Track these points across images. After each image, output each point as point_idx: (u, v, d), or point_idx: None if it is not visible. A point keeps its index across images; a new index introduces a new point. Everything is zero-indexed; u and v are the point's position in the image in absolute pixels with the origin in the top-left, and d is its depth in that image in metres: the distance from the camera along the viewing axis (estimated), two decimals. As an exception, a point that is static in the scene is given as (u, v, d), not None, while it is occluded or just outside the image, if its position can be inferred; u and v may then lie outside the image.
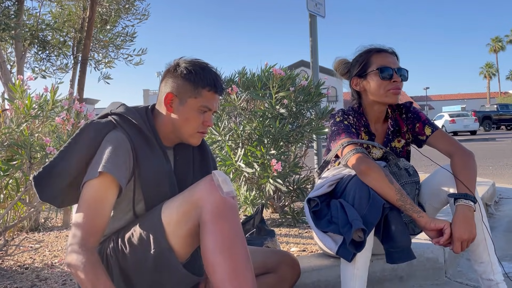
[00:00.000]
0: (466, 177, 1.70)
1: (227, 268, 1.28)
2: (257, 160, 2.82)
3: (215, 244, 1.29)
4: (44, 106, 2.24)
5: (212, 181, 1.34)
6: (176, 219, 1.34)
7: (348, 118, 1.90)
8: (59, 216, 3.53)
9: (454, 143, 1.84)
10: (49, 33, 4.67)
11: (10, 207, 2.22)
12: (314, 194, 1.80)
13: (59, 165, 1.40)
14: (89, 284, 1.26)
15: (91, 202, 1.34)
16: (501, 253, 2.66)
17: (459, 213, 1.62)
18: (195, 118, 1.49)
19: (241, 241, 1.33)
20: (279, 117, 3.00)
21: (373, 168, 1.65)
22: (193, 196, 1.34)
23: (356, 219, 1.57)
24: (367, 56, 1.90)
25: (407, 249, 1.62)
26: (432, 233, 1.62)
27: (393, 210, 1.63)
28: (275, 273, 1.64)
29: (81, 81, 4.19)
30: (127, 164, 1.39)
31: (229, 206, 1.33)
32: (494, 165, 7.88)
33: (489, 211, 3.70)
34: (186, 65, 1.49)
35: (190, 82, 1.48)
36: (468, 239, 1.59)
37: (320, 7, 4.38)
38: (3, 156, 2.18)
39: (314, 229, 1.77)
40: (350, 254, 1.59)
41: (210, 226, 1.30)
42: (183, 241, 1.37)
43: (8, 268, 2.26)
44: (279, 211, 3.34)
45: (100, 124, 1.46)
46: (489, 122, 28.44)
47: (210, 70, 1.51)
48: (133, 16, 4.94)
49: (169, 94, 1.50)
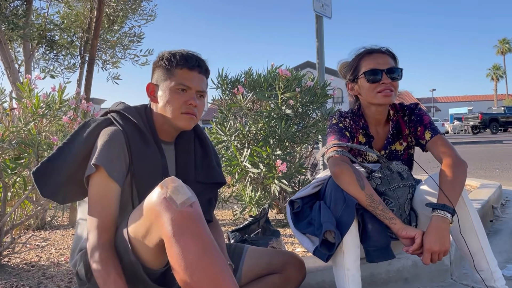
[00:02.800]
0: (448, 188, 1.63)
1: (204, 286, 1.17)
2: (262, 161, 2.83)
3: (185, 264, 1.17)
4: (51, 105, 2.25)
5: (163, 195, 1.21)
6: (141, 234, 1.28)
7: (344, 121, 1.88)
8: (65, 215, 3.55)
9: (447, 151, 1.76)
10: (57, 33, 4.72)
11: (17, 205, 2.23)
12: (297, 196, 1.82)
13: (56, 161, 1.42)
14: (101, 280, 1.29)
15: (95, 199, 1.35)
16: (507, 256, 2.65)
17: (433, 224, 1.57)
18: (174, 99, 1.48)
19: (213, 252, 1.19)
20: (285, 118, 3.00)
21: (345, 171, 1.65)
22: (149, 212, 1.24)
23: (327, 221, 1.59)
24: (357, 60, 1.89)
25: (385, 248, 1.62)
26: (405, 241, 1.60)
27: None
28: (280, 273, 1.64)
29: (88, 81, 4.22)
30: (122, 157, 1.39)
31: (189, 218, 1.19)
32: (501, 168, 7.83)
33: (496, 214, 3.68)
34: (161, 55, 1.52)
35: (162, 67, 1.50)
36: (439, 251, 1.54)
37: (327, 8, 4.38)
38: (11, 155, 2.20)
39: (293, 230, 1.80)
40: (325, 255, 1.62)
41: (173, 246, 1.18)
42: (154, 253, 1.30)
43: (15, 265, 2.28)
44: (284, 212, 3.34)
45: (97, 120, 1.48)
46: (496, 124, 28.24)
47: (183, 53, 1.51)
48: (140, 16, 4.97)
49: (148, 85, 1.53)
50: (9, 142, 2.13)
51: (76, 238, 1.57)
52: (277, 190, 2.78)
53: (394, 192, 1.77)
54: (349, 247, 1.61)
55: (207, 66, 1.56)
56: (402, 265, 2.13)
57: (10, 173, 2.17)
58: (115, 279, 1.28)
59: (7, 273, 2.14)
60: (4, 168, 2.15)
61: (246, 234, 2.13)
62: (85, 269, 1.42)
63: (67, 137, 1.45)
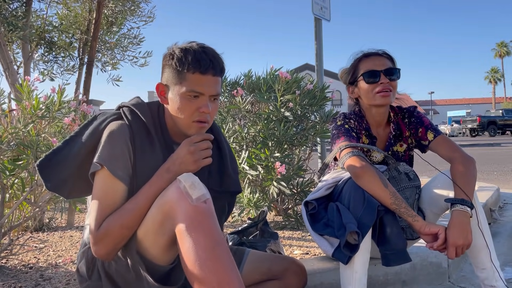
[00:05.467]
0: (464, 183, 1.69)
1: (211, 282, 1.18)
2: (261, 163, 2.83)
3: (194, 258, 1.19)
4: (50, 107, 2.25)
5: (180, 188, 1.24)
6: (152, 230, 1.28)
7: (349, 122, 1.90)
8: (63, 217, 3.55)
9: (455, 149, 1.83)
10: (56, 35, 4.71)
11: (16, 207, 2.23)
12: (311, 197, 1.82)
13: (61, 153, 1.39)
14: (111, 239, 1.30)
15: (98, 195, 1.32)
16: (505, 258, 2.65)
17: (455, 218, 1.61)
18: (186, 106, 1.36)
19: (222, 248, 1.22)
20: (284, 120, 3.00)
21: (367, 171, 1.65)
22: (163, 206, 1.25)
23: (350, 222, 1.58)
24: (356, 63, 1.93)
25: (403, 252, 1.62)
26: (427, 238, 1.62)
27: (388, 212, 1.64)
28: (280, 280, 1.61)
29: (87, 83, 4.22)
30: (126, 153, 1.35)
31: (202, 213, 1.21)
32: (499, 171, 7.84)
33: (493, 216, 3.69)
34: (171, 51, 1.39)
35: (173, 68, 1.36)
36: (463, 245, 1.57)
37: (326, 10, 4.39)
38: (9, 156, 2.20)
39: (311, 232, 1.80)
40: (346, 257, 1.61)
41: (185, 239, 1.20)
42: (164, 250, 1.31)
43: (13, 267, 2.27)
44: (283, 214, 3.34)
45: (105, 114, 1.44)
46: (494, 127, 28.36)
47: (196, 51, 1.35)
48: (139, 18, 4.97)
49: (158, 85, 1.42)
50: (7, 144, 2.12)
51: (82, 242, 1.55)
52: (276, 192, 2.78)
53: (403, 192, 1.80)
54: (360, 250, 1.60)
55: (222, 65, 1.40)
56: (400, 268, 2.13)
57: (8, 174, 2.17)
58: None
59: (5, 274, 2.14)
60: (3, 169, 2.15)
61: (244, 236, 2.13)
62: (87, 266, 1.41)
63: (75, 130, 1.42)
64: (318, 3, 4.31)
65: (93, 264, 1.41)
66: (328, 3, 4.48)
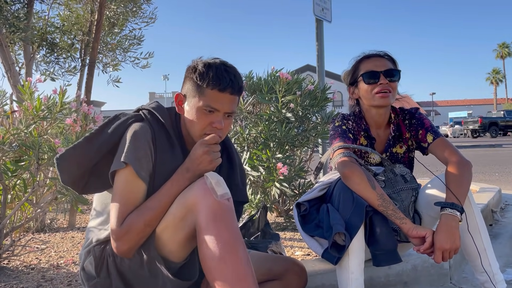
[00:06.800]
0: (455, 186, 1.66)
1: (228, 274, 1.24)
2: (262, 164, 2.83)
3: (214, 250, 1.25)
4: (52, 108, 2.26)
5: (205, 185, 1.30)
6: (173, 225, 1.33)
7: (347, 123, 1.90)
8: (65, 218, 3.55)
9: (451, 152, 1.80)
10: (58, 36, 4.71)
11: (17, 208, 2.24)
12: (303, 199, 1.83)
13: (81, 149, 1.42)
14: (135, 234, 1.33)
15: (122, 193, 1.36)
16: (507, 260, 2.65)
17: (443, 222, 1.59)
18: (200, 119, 1.43)
19: (241, 244, 1.28)
20: (285, 121, 3.00)
21: (355, 172, 1.65)
22: (187, 201, 1.31)
23: (337, 223, 1.59)
24: (356, 64, 1.93)
25: (392, 252, 1.62)
26: (415, 241, 1.61)
27: (377, 213, 1.64)
28: (281, 280, 1.62)
29: (88, 84, 4.22)
30: (149, 155, 1.39)
31: (225, 209, 1.28)
32: (500, 172, 7.83)
33: (495, 218, 3.68)
34: (195, 65, 1.45)
35: (194, 81, 1.43)
36: (450, 249, 1.55)
37: (327, 12, 4.40)
38: (11, 157, 2.20)
39: (301, 233, 1.81)
40: (335, 258, 1.62)
41: (207, 232, 1.26)
42: (181, 245, 1.36)
43: (15, 268, 2.27)
44: (284, 215, 3.34)
45: (127, 115, 1.48)
46: (496, 128, 28.30)
47: (218, 68, 1.42)
48: (141, 19, 4.98)
49: (177, 94, 1.49)
50: (9, 145, 2.13)
51: (86, 241, 1.55)
52: (277, 193, 2.78)
53: (398, 194, 1.80)
54: (354, 251, 1.61)
55: (241, 84, 1.46)
56: (401, 269, 2.13)
57: (10, 175, 2.17)
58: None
59: (7, 275, 2.14)
60: (5, 170, 2.15)
61: (245, 237, 2.13)
62: (95, 263, 1.43)
63: (96, 128, 1.45)
64: (319, 4, 4.31)
65: (101, 262, 1.42)
66: (329, 5, 4.48)
